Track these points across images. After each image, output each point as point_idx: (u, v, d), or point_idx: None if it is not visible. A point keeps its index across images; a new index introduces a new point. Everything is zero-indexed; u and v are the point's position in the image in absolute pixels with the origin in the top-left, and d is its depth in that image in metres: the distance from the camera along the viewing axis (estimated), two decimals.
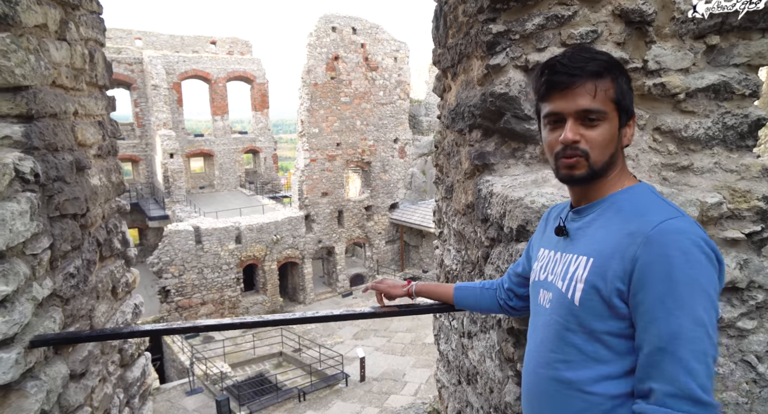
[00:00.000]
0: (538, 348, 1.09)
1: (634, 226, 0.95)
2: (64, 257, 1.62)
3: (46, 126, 1.54)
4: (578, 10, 1.60)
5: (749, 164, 1.63)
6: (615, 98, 1.01)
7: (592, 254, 1.00)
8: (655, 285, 0.88)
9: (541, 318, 1.11)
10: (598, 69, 1.00)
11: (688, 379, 0.85)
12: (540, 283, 1.15)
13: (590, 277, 0.97)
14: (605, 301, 0.95)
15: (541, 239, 1.25)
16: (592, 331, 0.97)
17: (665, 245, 0.89)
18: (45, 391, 1.39)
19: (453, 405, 2.33)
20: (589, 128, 1.01)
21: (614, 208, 1.02)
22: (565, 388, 1.01)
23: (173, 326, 1.42)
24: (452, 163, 2.13)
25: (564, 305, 1.02)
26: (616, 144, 1.03)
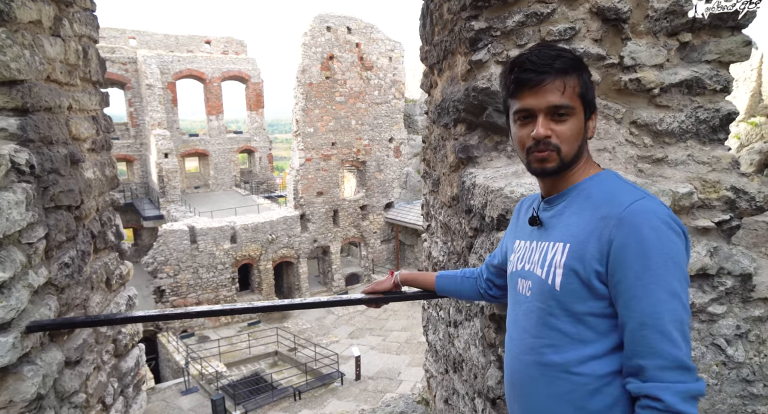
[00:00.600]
0: (521, 336, 1.12)
1: (605, 209, 1.00)
2: (59, 247, 1.67)
3: (41, 119, 1.59)
4: (557, 7, 1.67)
5: (720, 156, 1.70)
6: (581, 93, 1.06)
7: (568, 240, 1.04)
8: (632, 263, 0.94)
9: (522, 306, 1.14)
10: (565, 66, 1.05)
11: (674, 350, 0.91)
12: (518, 273, 1.18)
13: (568, 262, 1.02)
14: (585, 283, 1.00)
15: (515, 231, 1.29)
16: (574, 313, 1.02)
17: (637, 225, 0.95)
18: (41, 376, 1.44)
19: (440, 393, 2.39)
20: (558, 123, 1.05)
21: (583, 195, 1.08)
22: (552, 371, 1.04)
23: (165, 312, 1.47)
24: (438, 156, 2.18)
25: (545, 291, 1.06)
26: (582, 137, 1.09)
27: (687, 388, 0.90)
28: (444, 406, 2.34)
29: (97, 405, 1.87)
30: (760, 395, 1.66)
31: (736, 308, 1.63)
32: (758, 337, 1.64)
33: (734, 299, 1.63)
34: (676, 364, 0.90)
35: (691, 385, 0.90)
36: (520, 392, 1.12)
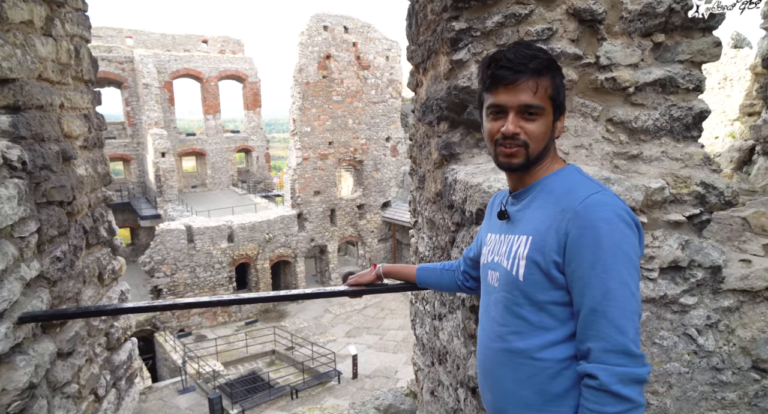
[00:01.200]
0: (491, 324, 1.18)
1: (564, 203, 1.06)
2: (51, 242, 1.72)
3: (33, 117, 1.63)
4: (534, 8, 1.72)
5: (693, 153, 1.75)
6: (551, 95, 1.11)
7: (530, 233, 1.10)
8: (586, 253, 0.99)
9: (491, 296, 1.20)
10: (539, 67, 1.09)
11: (619, 335, 0.96)
12: (488, 265, 1.24)
13: (530, 254, 1.07)
14: (545, 273, 1.05)
15: (488, 225, 1.35)
16: (536, 302, 1.07)
17: (591, 218, 1.00)
18: (33, 365, 1.48)
19: (427, 385, 2.44)
20: (528, 121, 1.10)
21: (546, 190, 1.13)
22: (517, 357, 1.10)
23: (154, 304, 1.52)
24: (424, 154, 2.24)
25: (510, 282, 1.12)
26: (550, 136, 1.14)
27: (625, 371, 0.95)
28: (430, 398, 2.39)
29: (89, 396, 1.92)
30: (729, 382, 1.72)
31: (706, 299, 1.69)
32: (727, 327, 1.70)
33: (705, 291, 1.68)
34: (618, 348, 0.96)
35: (630, 370, 0.95)
36: (489, 377, 1.17)
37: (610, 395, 0.94)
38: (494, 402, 1.16)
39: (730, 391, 1.73)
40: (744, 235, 2.04)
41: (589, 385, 0.97)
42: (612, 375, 0.95)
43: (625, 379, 0.95)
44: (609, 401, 0.94)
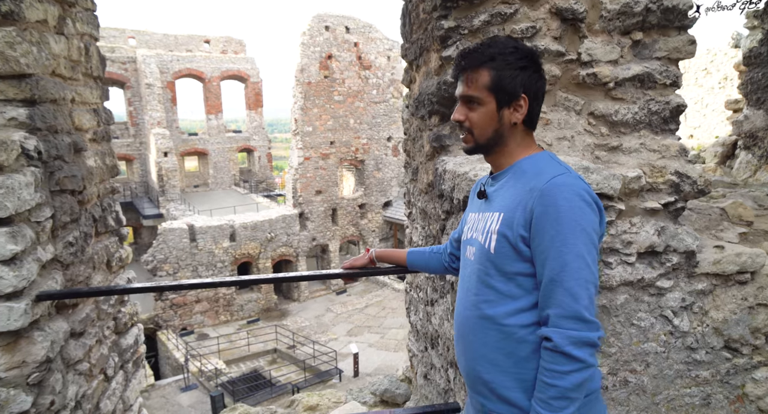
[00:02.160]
0: (466, 294, 1.28)
1: (532, 183, 1.15)
2: (64, 228, 1.83)
3: (47, 110, 1.74)
4: (519, 8, 1.82)
5: (669, 145, 1.85)
6: (490, 87, 1.20)
7: (502, 209, 1.20)
8: (548, 229, 1.09)
9: (467, 269, 1.30)
10: (474, 63, 1.21)
11: (573, 303, 1.06)
12: (467, 241, 1.34)
13: (501, 229, 1.17)
14: (513, 246, 1.15)
15: (470, 205, 1.45)
16: (505, 273, 1.17)
17: (554, 196, 1.10)
18: (49, 341, 1.59)
19: (421, 370, 2.54)
20: (471, 110, 1.24)
21: (519, 172, 1.23)
22: (487, 323, 1.19)
23: (161, 284, 1.63)
24: (417, 147, 2.34)
25: (484, 254, 1.21)
26: (497, 123, 1.23)
27: (578, 334, 1.05)
28: (424, 382, 2.49)
29: (99, 375, 2.03)
30: (703, 361, 1.81)
31: (681, 283, 1.79)
32: (701, 309, 1.80)
33: (680, 274, 1.78)
34: (572, 314, 1.06)
35: (582, 333, 1.05)
36: (463, 343, 1.27)
37: (563, 356, 1.05)
38: (467, 365, 1.25)
39: (704, 369, 1.82)
40: (722, 224, 2.14)
41: (546, 346, 1.08)
42: (565, 338, 1.05)
43: (577, 342, 1.05)
44: (562, 361, 1.05)
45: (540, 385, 1.08)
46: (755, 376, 1.84)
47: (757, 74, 2.44)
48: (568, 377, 1.04)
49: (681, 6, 1.78)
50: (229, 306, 21.00)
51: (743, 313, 1.82)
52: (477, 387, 1.23)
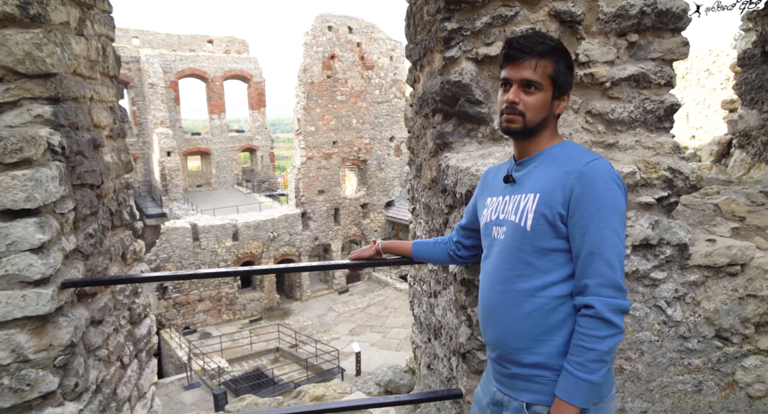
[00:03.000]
0: (495, 270, 1.37)
1: (569, 166, 1.26)
2: (84, 220, 1.91)
3: (70, 107, 1.83)
4: (519, 10, 1.90)
5: (664, 142, 1.93)
6: (551, 75, 1.30)
7: (538, 190, 1.29)
8: (587, 207, 1.20)
9: (495, 248, 1.38)
10: (542, 51, 1.29)
11: (611, 273, 1.19)
12: (492, 223, 1.42)
13: (539, 207, 1.27)
14: (551, 224, 1.25)
15: (484, 192, 1.54)
16: (541, 249, 1.27)
17: (593, 177, 1.22)
18: (73, 327, 1.68)
19: (424, 360, 2.62)
20: (527, 94, 1.30)
21: (551, 157, 1.33)
22: (520, 295, 1.29)
23: (178, 273, 1.71)
24: (420, 144, 2.42)
25: (518, 232, 1.30)
26: (548, 110, 1.33)
27: (616, 302, 1.18)
28: (427, 372, 2.57)
29: (116, 362, 2.12)
30: (695, 350, 1.89)
31: (675, 274, 1.86)
32: (693, 300, 1.88)
33: (673, 266, 1.86)
34: (611, 283, 1.18)
35: (619, 301, 1.18)
36: (493, 315, 1.36)
37: (603, 322, 1.16)
38: (496, 336, 1.35)
39: (696, 357, 1.90)
40: (715, 219, 2.22)
41: (586, 313, 1.18)
42: (605, 305, 1.17)
43: (614, 309, 1.17)
44: (601, 327, 1.16)
45: (576, 350, 1.18)
46: (744, 364, 1.92)
47: (750, 75, 2.51)
48: (606, 341, 1.16)
49: (674, 9, 1.86)
50: (232, 305, 21.11)
51: (734, 304, 1.90)
52: (507, 356, 1.33)
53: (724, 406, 1.94)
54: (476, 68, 1.94)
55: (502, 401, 1.36)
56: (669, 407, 1.93)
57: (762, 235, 2.15)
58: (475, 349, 1.85)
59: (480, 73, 1.95)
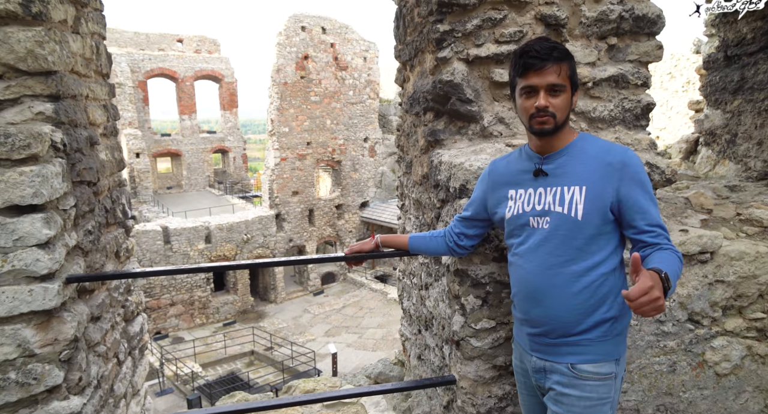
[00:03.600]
0: (542, 257, 1.50)
1: (608, 158, 1.43)
2: (83, 217, 1.92)
3: (69, 105, 1.84)
4: (507, 14, 2.00)
5: (641, 139, 2.07)
6: (570, 75, 1.45)
7: (583, 183, 1.44)
8: (638, 191, 1.42)
9: (538, 236, 1.51)
10: (560, 55, 1.42)
11: (669, 234, 1.45)
12: (528, 213, 1.53)
13: (588, 198, 1.42)
14: (601, 212, 1.42)
15: (499, 185, 1.64)
16: (590, 235, 1.43)
17: (634, 166, 1.43)
18: (76, 322, 1.69)
19: (414, 351, 2.71)
20: (554, 97, 1.43)
21: (580, 151, 1.48)
22: (571, 276, 1.45)
23: (181, 267, 1.74)
24: (411, 141, 2.51)
25: (569, 222, 1.44)
26: (569, 107, 1.47)
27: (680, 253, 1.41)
28: (417, 362, 2.66)
29: (113, 358, 2.13)
30: (670, 332, 2.03)
31: None
32: None
33: None
34: (671, 241, 1.43)
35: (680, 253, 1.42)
36: (542, 296, 1.50)
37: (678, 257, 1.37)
38: (546, 314, 1.50)
39: (671, 339, 2.04)
40: (686, 212, 2.37)
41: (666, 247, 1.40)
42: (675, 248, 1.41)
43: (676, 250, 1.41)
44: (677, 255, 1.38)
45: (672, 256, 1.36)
46: (713, 345, 2.07)
47: (715, 77, 2.70)
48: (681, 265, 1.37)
49: (650, 15, 2.00)
50: (205, 309, 20.77)
51: (704, 289, 2.05)
52: (556, 330, 1.49)
53: (695, 384, 2.09)
54: (467, 68, 2.03)
55: (544, 367, 1.53)
56: (646, 387, 2.07)
57: (727, 225, 2.31)
58: (468, 336, 1.94)
59: (471, 73, 2.04)
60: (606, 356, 1.47)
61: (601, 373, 1.46)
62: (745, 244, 2.08)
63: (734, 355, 2.07)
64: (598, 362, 1.46)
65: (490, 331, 1.92)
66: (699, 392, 2.09)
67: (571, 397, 1.46)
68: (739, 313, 2.09)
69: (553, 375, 1.51)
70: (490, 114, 2.07)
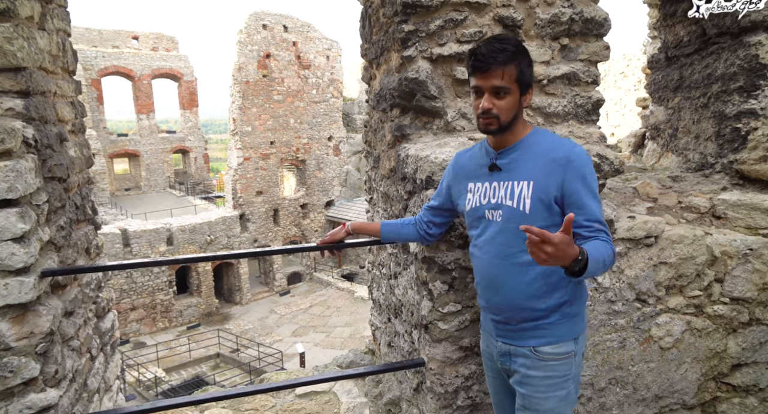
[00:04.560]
0: (496, 247, 1.59)
1: (554, 154, 1.50)
2: (55, 213, 1.93)
3: (39, 101, 1.84)
4: (468, 15, 2.13)
5: (592, 132, 2.23)
6: (516, 78, 1.49)
7: (531, 178, 1.51)
8: (580, 187, 1.48)
9: (493, 228, 1.59)
10: (505, 59, 1.46)
11: (606, 229, 1.50)
12: (484, 206, 1.61)
13: (535, 193, 1.50)
14: (546, 206, 1.49)
15: (460, 177, 1.73)
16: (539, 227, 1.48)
17: (579, 162, 1.49)
18: (51, 315, 1.71)
19: (384, 339, 2.81)
20: (499, 99, 1.49)
21: (530, 146, 1.56)
22: (524, 266, 1.54)
23: (157, 259, 1.78)
24: (378, 137, 2.60)
25: (517, 215, 1.52)
26: (518, 108, 1.54)
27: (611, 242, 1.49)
28: (387, 349, 2.76)
29: (86, 354, 2.13)
30: (620, 311, 2.21)
31: None
32: (619, 268, 2.19)
33: None
34: (609, 236, 1.49)
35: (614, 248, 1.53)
36: (499, 285, 1.59)
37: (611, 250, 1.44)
38: (504, 302, 1.60)
39: (621, 318, 2.22)
40: (634, 200, 2.57)
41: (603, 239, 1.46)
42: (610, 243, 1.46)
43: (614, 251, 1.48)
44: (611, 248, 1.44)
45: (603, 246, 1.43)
46: (658, 322, 2.26)
47: (657, 76, 2.91)
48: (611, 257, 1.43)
49: (597, 17, 2.17)
50: (167, 312, 20.30)
51: (650, 270, 2.23)
52: (515, 316, 1.58)
53: (643, 358, 2.27)
54: (431, 66, 2.14)
55: (509, 351, 1.63)
56: (599, 362, 2.24)
57: (670, 212, 2.52)
58: (436, 319, 2.06)
59: (434, 70, 2.15)
60: (564, 337, 1.57)
61: (561, 352, 1.57)
62: (684, 229, 2.28)
63: (676, 330, 2.27)
64: (557, 343, 1.56)
65: (456, 315, 2.04)
66: (646, 365, 2.27)
67: (536, 378, 1.57)
68: (680, 291, 2.29)
69: (517, 358, 1.61)
70: (453, 109, 2.19)
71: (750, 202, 2.34)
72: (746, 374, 2.36)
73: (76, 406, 1.92)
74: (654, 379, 2.30)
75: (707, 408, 2.41)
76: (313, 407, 2.87)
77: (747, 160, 2.44)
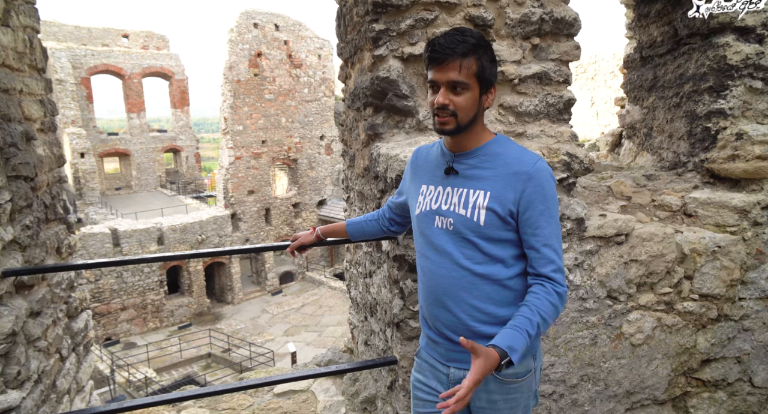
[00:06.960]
0: (445, 259, 1.45)
1: (516, 167, 1.38)
2: (20, 212, 1.91)
3: (1, 99, 1.83)
4: (439, 14, 2.13)
5: (563, 131, 2.24)
6: (476, 73, 1.34)
7: (488, 189, 1.39)
8: (538, 205, 1.37)
9: (444, 237, 1.45)
10: (464, 51, 1.31)
11: (559, 260, 1.40)
12: (434, 212, 1.47)
13: (490, 205, 1.38)
14: (502, 219, 1.37)
15: (416, 176, 1.62)
16: (493, 239, 1.40)
17: (541, 179, 1.37)
18: (14, 316, 1.69)
19: (361, 338, 2.81)
20: (456, 95, 1.34)
21: (492, 155, 1.42)
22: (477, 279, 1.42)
23: (125, 258, 1.77)
24: (353, 136, 2.60)
25: (471, 225, 1.40)
26: (477, 107, 1.38)
27: (563, 282, 1.40)
28: (364, 348, 2.76)
29: (55, 354, 2.12)
30: (591, 309, 2.22)
31: (574, 245, 2.18)
32: (590, 266, 2.21)
33: (573, 238, 2.17)
34: (560, 269, 1.40)
35: (564, 287, 1.40)
36: (447, 299, 1.46)
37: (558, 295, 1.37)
38: (453, 318, 1.46)
39: (592, 315, 2.23)
40: (608, 198, 2.58)
41: (546, 286, 1.38)
42: (559, 284, 1.39)
43: (563, 287, 1.39)
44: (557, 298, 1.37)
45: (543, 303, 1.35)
46: (629, 319, 2.28)
47: (633, 76, 2.93)
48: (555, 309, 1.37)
49: (567, 18, 2.18)
50: (158, 312, 20.18)
51: (621, 268, 2.25)
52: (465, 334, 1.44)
53: (614, 355, 2.29)
54: (402, 65, 2.14)
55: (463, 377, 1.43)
56: (571, 359, 2.25)
57: (643, 211, 2.54)
58: (407, 318, 2.06)
59: (406, 69, 2.16)
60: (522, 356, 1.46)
61: (522, 372, 1.45)
62: (654, 227, 2.30)
63: (646, 326, 2.29)
64: (519, 363, 1.39)
65: None
66: (617, 362, 2.29)
67: (499, 402, 1.46)
68: (650, 288, 2.30)
69: None
70: (425, 108, 2.19)
71: (719, 200, 2.37)
72: (715, 369, 2.39)
73: (42, 407, 1.91)
74: (625, 376, 2.32)
75: (678, 403, 2.44)
76: (290, 406, 2.86)
77: (717, 159, 2.46)
